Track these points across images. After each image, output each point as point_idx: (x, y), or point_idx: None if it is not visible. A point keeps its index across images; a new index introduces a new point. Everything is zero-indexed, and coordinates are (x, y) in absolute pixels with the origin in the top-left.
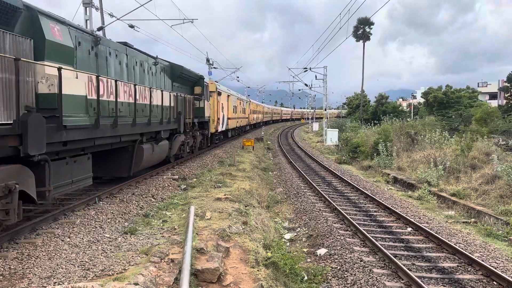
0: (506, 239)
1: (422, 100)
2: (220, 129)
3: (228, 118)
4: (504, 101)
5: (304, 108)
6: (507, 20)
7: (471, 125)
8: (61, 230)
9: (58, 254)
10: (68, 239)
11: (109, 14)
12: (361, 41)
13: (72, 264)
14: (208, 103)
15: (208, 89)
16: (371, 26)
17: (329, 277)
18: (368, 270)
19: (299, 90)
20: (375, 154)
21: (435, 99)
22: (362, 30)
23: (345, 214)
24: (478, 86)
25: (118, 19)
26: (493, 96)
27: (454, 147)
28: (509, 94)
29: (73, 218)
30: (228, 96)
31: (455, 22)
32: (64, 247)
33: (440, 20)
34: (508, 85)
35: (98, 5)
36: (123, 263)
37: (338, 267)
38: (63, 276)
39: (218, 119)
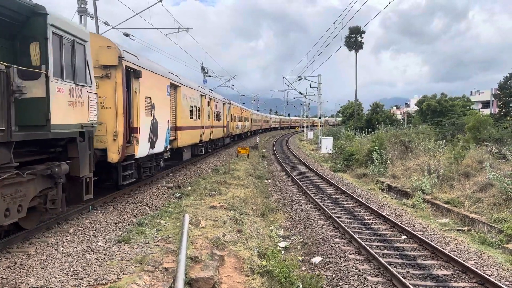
0: (500, 246)
1: (416, 109)
2: (147, 150)
3: (178, 128)
4: (497, 109)
5: (298, 116)
6: (500, 29)
7: (459, 134)
8: (54, 239)
9: (51, 263)
10: (62, 248)
11: (104, 23)
12: (353, 50)
13: (65, 273)
14: (74, 88)
15: (85, 53)
16: (362, 35)
17: (324, 286)
18: (363, 278)
19: (294, 98)
20: (369, 162)
21: (429, 108)
22: (353, 39)
23: (340, 222)
24: (471, 95)
25: (113, 27)
26: (485, 104)
27: (448, 155)
28: (501, 102)
29: (67, 227)
30: (176, 87)
31: (449, 30)
32: (57, 256)
33: (434, 29)
34: (500, 93)
35: (93, 14)
36: (117, 272)
37: (333, 276)
38: (56, 286)
39: (135, 130)
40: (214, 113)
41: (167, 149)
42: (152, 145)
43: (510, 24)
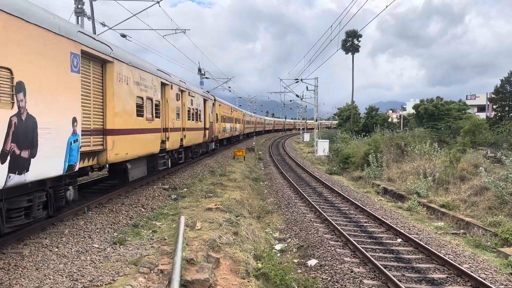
0: (495, 250)
1: (412, 112)
2: (3, 179)
3: (108, 132)
4: (492, 113)
5: (293, 119)
6: (496, 33)
7: (458, 137)
8: (49, 240)
9: (46, 265)
10: (56, 249)
11: (101, 24)
12: (350, 53)
13: (60, 275)
14: None
15: None
16: (359, 39)
17: None
18: (359, 281)
19: (291, 101)
20: (365, 165)
21: (426, 111)
22: (350, 42)
23: (336, 225)
24: (466, 99)
25: (110, 28)
26: (481, 108)
27: (444, 159)
28: (497, 106)
29: (62, 228)
30: (105, 62)
31: (445, 34)
32: (52, 257)
33: (430, 33)
34: (496, 97)
35: (90, 15)
36: (112, 273)
37: (329, 278)
38: (51, 287)
39: None
40: (189, 111)
41: (76, 168)
42: (17, 167)
43: (506, 28)
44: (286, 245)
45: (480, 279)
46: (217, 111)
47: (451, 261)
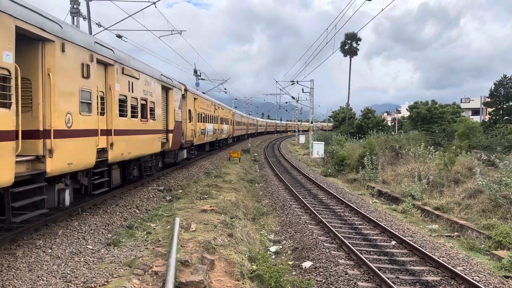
0: (489, 253)
1: (407, 114)
2: None
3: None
4: (487, 117)
5: (289, 121)
6: (491, 37)
7: (453, 140)
8: (42, 241)
9: (39, 266)
10: (50, 250)
11: (97, 24)
12: (348, 56)
13: (53, 276)
14: None
15: None
16: (358, 42)
17: None
18: (353, 284)
19: (286, 102)
20: (360, 167)
21: (419, 114)
22: (349, 45)
23: (331, 227)
24: (461, 102)
25: (106, 29)
26: (475, 111)
27: (438, 161)
28: (493, 109)
29: (55, 229)
30: None
31: (440, 38)
32: (46, 259)
33: (425, 36)
34: (491, 100)
35: (86, 15)
36: (106, 275)
37: (323, 280)
38: None
39: None
40: (125, 102)
41: None
42: None
43: (501, 32)
44: (281, 247)
45: (474, 281)
46: (190, 106)
47: (445, 264)
